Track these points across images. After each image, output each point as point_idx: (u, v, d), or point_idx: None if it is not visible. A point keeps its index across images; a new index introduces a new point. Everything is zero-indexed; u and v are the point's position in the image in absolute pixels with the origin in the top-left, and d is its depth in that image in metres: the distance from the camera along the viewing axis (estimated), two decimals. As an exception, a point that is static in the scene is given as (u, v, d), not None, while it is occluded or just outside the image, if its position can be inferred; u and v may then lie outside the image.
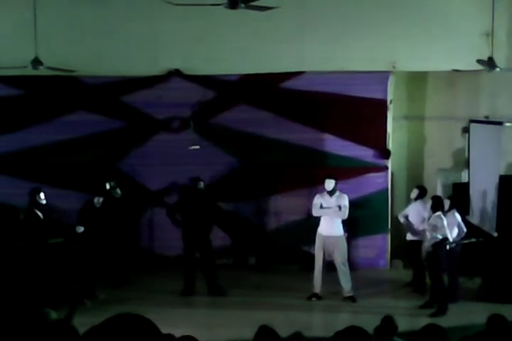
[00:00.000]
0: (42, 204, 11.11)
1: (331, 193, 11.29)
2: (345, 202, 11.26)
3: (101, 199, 11.50)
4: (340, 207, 11.20)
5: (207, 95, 13.44)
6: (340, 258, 11.26)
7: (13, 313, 6.01)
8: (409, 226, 11.85)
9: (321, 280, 11.30)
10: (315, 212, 11.40)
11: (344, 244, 11.39)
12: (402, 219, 11.96)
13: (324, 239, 11.30)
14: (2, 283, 11.02)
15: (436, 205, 10.75)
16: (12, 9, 12.82)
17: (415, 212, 11.73)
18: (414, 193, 11.93)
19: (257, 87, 13.39)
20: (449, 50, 12.55)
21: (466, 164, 13.23)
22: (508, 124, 11.54)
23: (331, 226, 11.26)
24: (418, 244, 11.19)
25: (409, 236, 11.88)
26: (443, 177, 13.30)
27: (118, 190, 12.33)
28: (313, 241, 11.55)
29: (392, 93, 13.35)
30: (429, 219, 10.85)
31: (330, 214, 11.23)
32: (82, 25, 13.01)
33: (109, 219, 11.71)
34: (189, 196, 11.91)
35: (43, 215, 11.12)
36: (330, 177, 11.31)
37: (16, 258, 11.41)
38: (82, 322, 5.82)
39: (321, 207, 11.28)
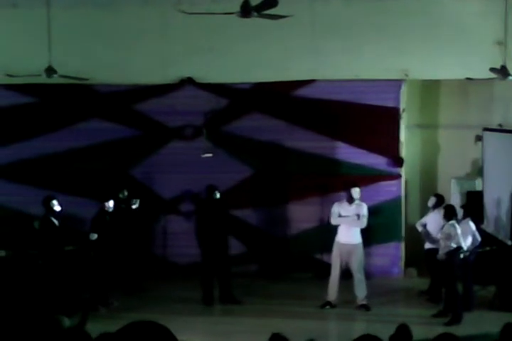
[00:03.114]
0: (57, 212, 11.13)
1: (351, 201, 11.26)
2: (363, 210, 11.19)
3: (111, 203, 11.46)
4: (358, 216, 11.17)
5: (219, 103, 13.46)
6: (356, 266, 11.19)
7: (28, 320, 6.02)
8: (427, 235, 11.75)
9: (337, 288, 11.24)
10: (333, 221, 11.36)
11: (361, 252, 11.30)
12: (420, 228, 11.84)
13: (342, 246, 11.24)
14: (17, 290, 11.05)
15: (449, 214, 10.70)
16: (26, 18, 12.91)
17: (433, 221, 11.56)
18: (432, 201, 11.81)
19: (270, 95, 13.40)
20: (461, 59, 12.52)
21: (480, 172, 13.18)
22: (521, 132, 11.51)
23: (348, 234, 11.20)
24: (436, 252, 11.06)
25: (427, 245, 11.76)
26: (457, 185, 13.23)
27: (135, 201, 12.27)
28: (326, 249, 11.51)
29: (404, 101, 13.32)
30: (442, 227, 10.81)
31: (348, 223, 11.20)
32: (95, 33, 13.09)
33: (122, 227, 11.73)
34: (205, 205, 11.85)
35: (58, 223, 11.15)
36: (356, 186, 11.28)
37: (31, 265, 11.44)
38: (96, 330, 5.82)
39: (340, 215, 11.27)
